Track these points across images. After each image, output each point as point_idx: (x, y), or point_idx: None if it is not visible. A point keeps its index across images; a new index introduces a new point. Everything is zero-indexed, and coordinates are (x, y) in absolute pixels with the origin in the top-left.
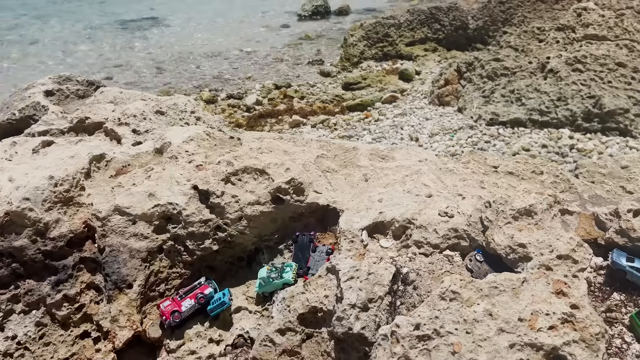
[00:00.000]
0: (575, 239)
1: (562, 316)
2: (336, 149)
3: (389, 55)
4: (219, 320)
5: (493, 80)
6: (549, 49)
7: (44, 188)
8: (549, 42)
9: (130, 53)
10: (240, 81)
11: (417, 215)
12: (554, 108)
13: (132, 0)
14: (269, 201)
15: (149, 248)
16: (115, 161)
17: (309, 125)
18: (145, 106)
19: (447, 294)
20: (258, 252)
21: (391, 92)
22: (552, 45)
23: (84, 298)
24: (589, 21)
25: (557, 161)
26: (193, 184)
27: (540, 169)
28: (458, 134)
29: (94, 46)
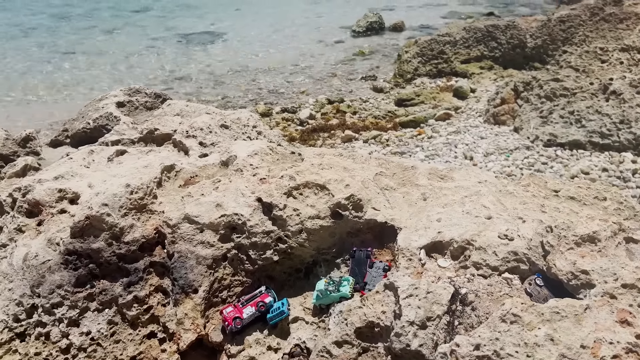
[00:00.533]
0: None
1: (626, 345)
2: (394, 167)
3: (444, 73)
4: (277, 328)
5: (552, 100)
6: (612, 70)
7: (121, 195)
8: (612, 62)
9: (190, 66)
10: (295, 95)
11: (476, 237)
12: (616, 131)
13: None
14: (328, 216)
15: (214, 256)
16: (184, 172)
17: (361, 140)
18: (211, 120)
19: (508, 317)
20: (316, 264)
21: (445, 109)
22: (616, 66)
23: (152, 300)
24: None
25: (619, 186)
26: (257, 196)
27: (603, 195)
28: (514, 154)
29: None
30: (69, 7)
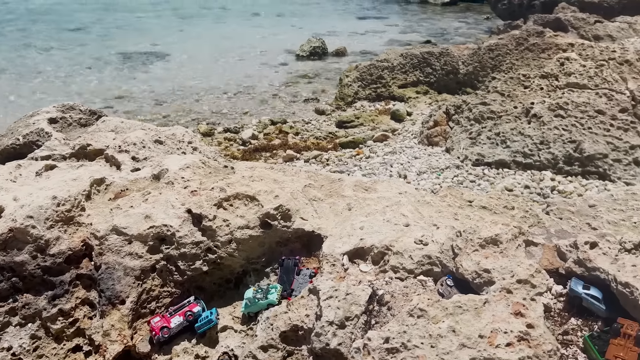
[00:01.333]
0: (535, 266)
1: (518, 334)
2: (323, 180)
3: (382, 96)
4: (205, 337)
5: (480, 122)
6: (534, 95)
7: (47, 207)
8: (534, 88)
9: (130, 85)
10: (238, 116)
11: (395, 243)
12: (537, 151)
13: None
14: (257, 226)
15: (142, 267)
16: (115, 185)
17: (302, 160)
18: (145, 135)
19: (415, 311)
20: (246, 274)
21: (382, 131)
22: (537, 91)
23: (78, 313)
24: (571, 70)
25: (539, 202)
26: (187, 207)
27: (511, 204)
28: (445, 172)
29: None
30: (3, 24)
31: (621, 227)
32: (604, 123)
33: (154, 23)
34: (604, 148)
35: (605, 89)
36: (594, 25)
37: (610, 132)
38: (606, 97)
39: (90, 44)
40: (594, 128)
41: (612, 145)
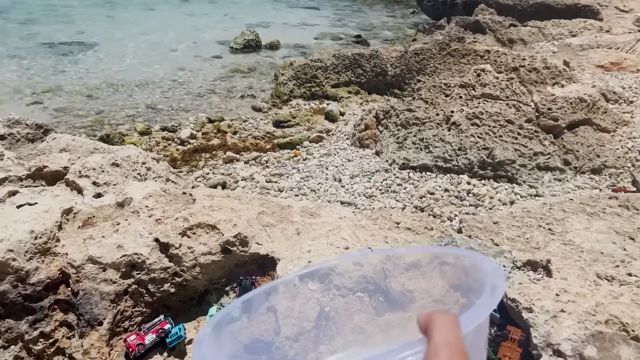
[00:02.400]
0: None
1: None
2: (274, 207)
3: (316, 95)
4: (175, 350)
5: (406, 128)
6: (453, 103)
7: (26, 241)
8: (454, 97)
9: (59, 78)
10: (174, 112)
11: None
12: (456, 156)
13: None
14: (219, 252)
15: (116, 291)
16: (82, 213)
17: (242, 162)
18: (102, 159)
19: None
20: (207, 293)
21: (318, 132)
22: (456, 100)
23: (57, 334)
24: (485, 81)
25: (456, 204)
26: (155, 237)
27: (431, 226)
28: (375, 176)
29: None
30: None
31: (517, 243)
32: (512, 132)
33: (78, 7)
34: (512, 154)
35: (514, 100)
36: (508, 29)
37: (517, 140)
38: (515, 108)
39: (10, 32)
40: (504, 136)
41: (519, 152)
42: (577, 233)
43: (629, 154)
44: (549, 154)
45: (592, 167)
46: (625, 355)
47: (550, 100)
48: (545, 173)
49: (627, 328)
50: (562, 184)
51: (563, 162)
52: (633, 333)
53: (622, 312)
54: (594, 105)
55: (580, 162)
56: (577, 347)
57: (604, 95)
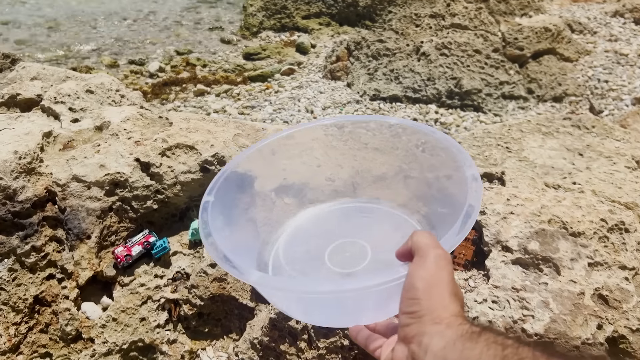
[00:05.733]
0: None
1: None
2: (249, 129)
3: (287, 27)
4: (161, 261)
5: (377, 59)
6: (423, 33)
7: (11, 161)
8: (424, 27)
9: (17, 8)
10: (141, 44)
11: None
12: (425, 87)
13: None
14: (197, 170)
15: (102, 208)
16: (62, 137)
17: (213, 95)
18: (77, 86)
19: None
20: (189, 209)
21: (289, 64)
22: (426, 30)
23: (48, 248)
24: (455, 11)
25: None
26: (135, 157)
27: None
28: (346, 107)
29: None
30: None
31: (476, 160)
32: (480, 62)
33: None
34: (478, 84)
35: (482, 30)
36: None
37: (484, 70)
38: (482, 38)
39: None
40: (472, 66)
41: (486, 81)
42: (531, 150)
43: (589, 82)
44: (513, 83)
45: (553, 95)
46: (563, 248)
47: (516, 30)
48: (510, 102)
49: (567, 226)
50: (525, 112)
51: (527, 90)
52: (571, 230)
53: (564, 212)
54: (558, 35)
55: (543, 90)
56: (522, 242)
57: (569, 25)
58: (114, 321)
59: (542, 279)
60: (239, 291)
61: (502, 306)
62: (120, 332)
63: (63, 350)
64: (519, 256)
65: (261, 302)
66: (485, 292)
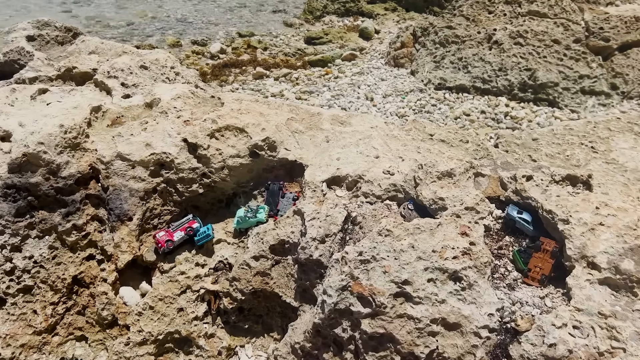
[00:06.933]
0: (480, 196)
1: (463, 249)
2: (303, 113)
3: (351, 12)
4: (203, 248)
5: (444, 47)
6: (497, 20)
7: (56, 134)
8: (497, 14)
9: None
10: (204, 25)
11: (366, 172)
12: (495, 77)
13: None
14: (247, 155)
15: (145, 189)
16: (111, 112)
17: (272, 78)
18: (131, 61)
19: (383, 231)
20: (236, 195)
21: (351, 50)
22: (500, 17)
23: (89, 227)
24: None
25: (492, 126)
26: (183, 137)
27: (466, 139)
28: (409, 96)
29: None
30: None
31: (556, 160)
32: (558, 52)
33: None
34: (555, 77)
35: (563, 18)
36: None
37: (563, 61)
38: (563, 27)
39: None
40: (549, 57)
41: (563, 74)
42: (621, 152)
43: None
44: (595, 77)
45: None
46: None
47: (603, 19)
48: (590, 97)
49: None
50: (606, 109)
51: (610, 86)
52: None
53: None
54: None
55: (629, 86)
56: (613, 260)
57: None
58: (151, 309)
59: (637, 305)
60: (282, 288)
61: (586, 333)
62: (157, 322)
63: (98, 335)
64: (609, 275)
65: (305, 302)
66: (565, 315)
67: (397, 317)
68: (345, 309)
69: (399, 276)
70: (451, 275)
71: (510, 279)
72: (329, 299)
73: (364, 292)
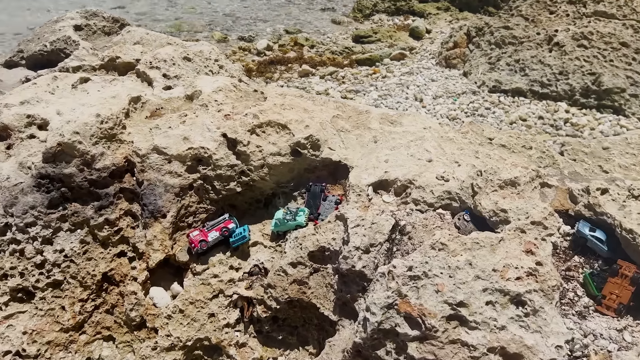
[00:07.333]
0: (548, 209)
1: (528, 270)
2: (350, 111)
3: (402, 10)
4: (238, 251)
5: (500, 47)
6: (558, 21)
7: (92, 124)
8: (560, 14)
9: None
10: (252, 21)
11: (417, 177)
12: (555, 81)
13: None
14: (288, 153)
15: (181, 185)
16: (150, 103)
17: (318, 76)
18: (174, 52)
19: (437, 245)
20: (275, 196)
21: (400, 49)
22: (562, 18)
23: (122, 223)
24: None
25: (551, 133)
26: (223, 131)
27: (530, 144)
28: (461, 98)
29: None
30: None
31: (631, 172)
32: (626, 56)
33: None
34: (622, 82)
35: (633, 20)
36: None
37: (631, 66)
38: (633, 29)
39: None
40: (616, 61)
41: (632, 79)
42: None
43: None
44: None
45: None
46: None
47: None
48: None
49: None
50: None
51: None
52: None
53: None
54: None
55: None
56: None
57: None
58: (181, 313)
59: None
60: (320, 299)
61: None
62: (186, 327)
63: (126, 337)
64: None
65: (345, 317)
66: None
67: (450, 343)
68: (390, 330)
69: (453, 296)
70: (513, 299)
71: (581, 305)
72: (372, 317)
73: (412, 312)
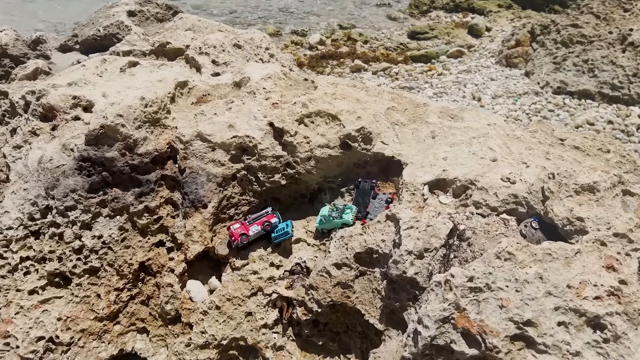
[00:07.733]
0: (635, 220)
1: (609, 289)
2: (407, 103)
3: (461, 7)
4: (280, 247)
5: (567, 47)
6: (634, 20)
7: (135, 107)
8: (635, 12)
9: None
10: (305, 15)
11: (480, 177)
12: (628, 84)
13: None
14: (337, 146)
15: (224, 174)
16: (197, 89)
17: (370, 72)
18: (225, 38)
19: (503, 254)
20: (321, 191)
21: (458, 46)
22: (638, 16)
23: (162, 211)
24: None
25: (621, 139)
26: (269, 120)
27: (607, 147)
28: (522, 98)
29: None
30: None
31: None
32: None
33: None
34: None
35: None
36: None
37: None
38: None
39: None
40: None
41: None
42: None
43: None
44: None
45: None
46: None
47: None
48: None
49: None
50: None
51: None
52: None
53: None
54: None
55: None
56: None
57: None
58: (217, 309)
59: None
60: (366, 305)
61: None
62: (222, 325)
63: (160, 330)
64: None
65: (392, 327)
66: None
67: None
68: (444, 346)
69: (520, 314)
70: (590, 321)
71: None
72: (425, 330)
73: (471, 329)
